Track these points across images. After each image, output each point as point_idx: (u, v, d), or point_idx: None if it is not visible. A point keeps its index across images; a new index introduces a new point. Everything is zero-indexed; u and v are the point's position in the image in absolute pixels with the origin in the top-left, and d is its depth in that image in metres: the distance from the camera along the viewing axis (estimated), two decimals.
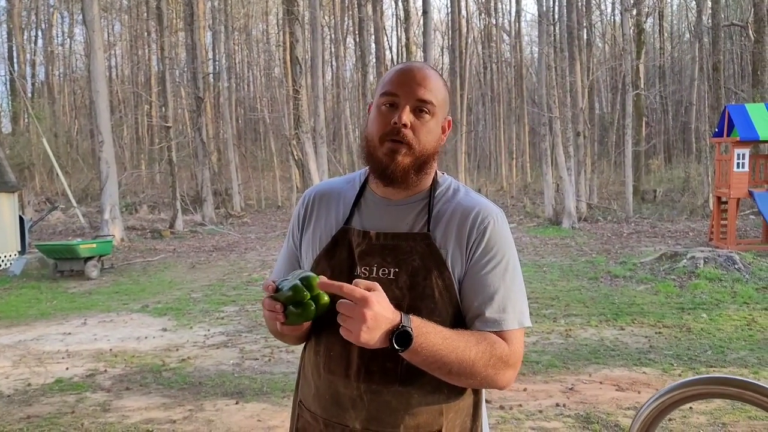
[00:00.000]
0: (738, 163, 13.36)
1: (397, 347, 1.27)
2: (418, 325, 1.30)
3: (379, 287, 1.29)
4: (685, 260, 10.63)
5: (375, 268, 1.43)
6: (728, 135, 14.07)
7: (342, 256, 1.46)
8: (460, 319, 1.44)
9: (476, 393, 1.47)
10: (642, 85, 25.50)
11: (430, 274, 1.41)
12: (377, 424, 1.41)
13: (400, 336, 1.27)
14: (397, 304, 1.37)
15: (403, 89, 1.43)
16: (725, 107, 14.59)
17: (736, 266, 10.23)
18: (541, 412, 4.93)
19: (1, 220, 14.29)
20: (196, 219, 22.07)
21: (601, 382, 5.58)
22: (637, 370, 5.88)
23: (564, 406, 5.03)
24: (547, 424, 4.69)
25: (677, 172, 28.19)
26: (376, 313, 1.23)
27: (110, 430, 4.81)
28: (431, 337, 1.30)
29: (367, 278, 1.41)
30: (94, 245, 12.83)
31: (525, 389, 5.44)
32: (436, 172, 1.54)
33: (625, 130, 21.86)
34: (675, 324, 7.52)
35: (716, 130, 15.20)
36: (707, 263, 10.37)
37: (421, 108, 1.43)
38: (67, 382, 6.10)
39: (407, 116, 1.41)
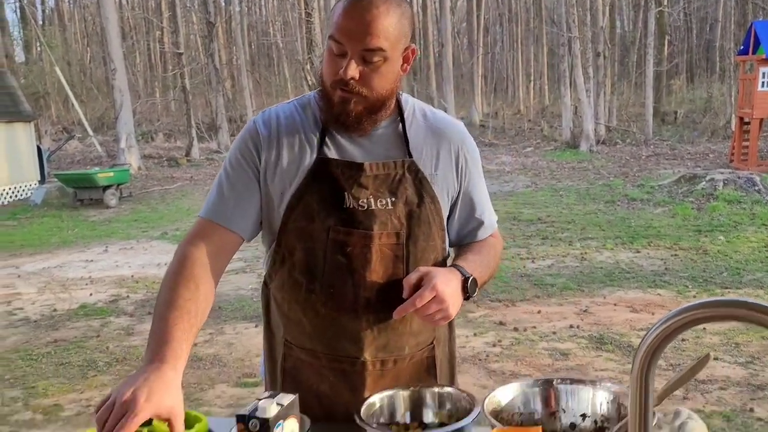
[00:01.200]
0: (763, 82, 13.00)
1: (470, 296, 1.37)
2: (471, 268, 1.39)
3: (431, 271, 1.31)
4: (704, 182, 10.51)
5: (372, 200, 1.38)
6: (754, 53, 13.62)
7: (325, 189, 1.39)
8: (444, 239, 1.48)
9: None
10: (665, 2, 24.60)
11: (422, 200, 1.41)
12: (385, 352, 1.43)
13: (471, 287, 1.37)
14: (397, 234, 1.39)
15: (349, 38, 1.29)
16: (752, 24, 14.09)
17: (756, 188, 10.11)
18: (554, 333, 5.00)
19: (19, 150, 14.38)
20: (211, 146, 22.07)
21: (615, 304, 5.62)
22: (651, 292, 5.91)
23: (578, 327, 5.09)
24: (560, 345, 4.76)
25: (699, 93, 27.52)
26: (451, 292, 1.30)
27: (134, 352, 4.96)
28: (478, 270, 1.40)
29: (365, 210, 1.38)
30: (112, 174, 12.93)
31: (539, 311, 5.51)
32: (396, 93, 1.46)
33: (647, 50, 21.26)
34: (691, 246, 7.50)
35: (742, 47, 14.72)
36: (726, 185, 10.25)
37: (370, 57, 1.30)
38: (91, 307, 6.26)
39: (353, 70, 1.30)
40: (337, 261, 1.38)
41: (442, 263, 1.46)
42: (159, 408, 1.07)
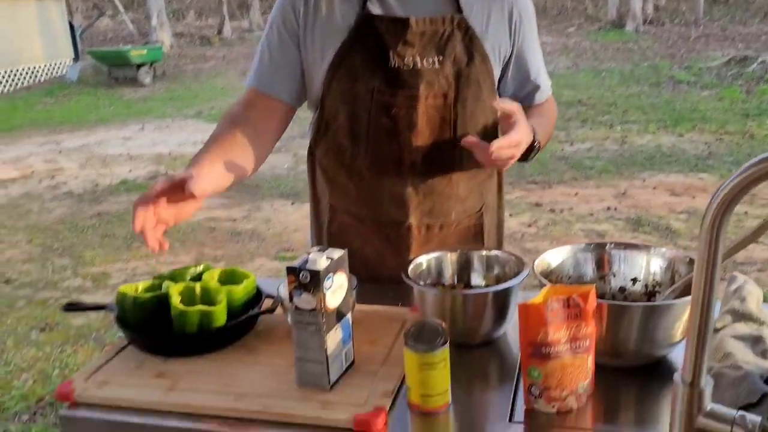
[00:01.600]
0: None
1: (526, 160, 1.36)
2: (536, 131, 1.33)
3: (520, 113, 1.25)
4: (755, 65, 10.04)
5: (418, 58, 1.31)
6: None
7: (369, 47, 1.32)
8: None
9: (500, 173, 1.53)
10: None
11: (472, 60, 1.34)
12: (431, 216, 1.41)
13: (534, 153, 1.36)
14: (444, 94, 1.33)
15: None
16: None
17: None
18: (591, 215, 4.96)
19: (52, 27, 14.24)
20: (243, 25, 21.61)
21: (654, 188, 5.53)
22: (693, 176, 5.79)
23: (615, 209, 5.04)
24: (597, 226, 4.74)
25: None
26: (523, 146, 1.27)
27: (175, 226, 5.06)
28: (539, 137, 1.35)
29: (411, 70, 1.31)
30: (145, 51, 12.81)
31: (576, 193, 5.45)
32: None
33: None
34: (737, 130, 7.26)
35: None
36: None
37: None
38: (131, 183, 6.38)
39: None
40: (381, 123, 1.34)
41: (493, 128, 1.40)
42: (173, 177, 1.15)
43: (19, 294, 4.00)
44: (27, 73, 13.26)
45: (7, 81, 12.65)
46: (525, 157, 1.33)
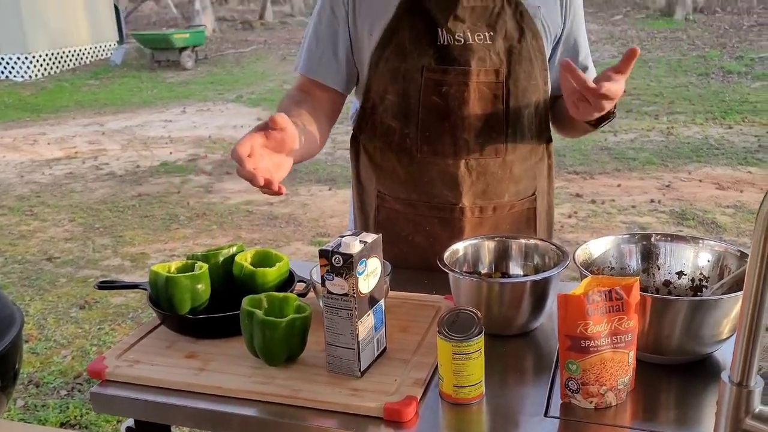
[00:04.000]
0: None
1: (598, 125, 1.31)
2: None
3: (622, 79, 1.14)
4: None
5: (469, 34, 1.28)
6: None
7: (418, 24, 1.30)
8: (546, 79, 1.38)
9: (550, 156, 1.48)
10: None
11: (523, 36, 1.31)
12: (484, 197, 1.38)
13: (606, 120, 1.30)
14: (496, 71, 1.30)
15: None
16: None
17: None
18: (634, 207, 4.85)
19: (98, 10, 14.46)
20: (285, 10, 21.68)
21: (700, 181, 5.38)
22: (741, 170, 5.61)
23: (659, 202, 4.92)
24: (639, 219, 4.63)
25: None
26: (610, 105, 1.17)
27: (213, 209, 5.12)
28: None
29: (462, 45, 1.28)
30: (188, 35, 12.93)
31: (619, 185, 5.34)
32: None
33: None
34: None
35: None
36: None
37: None
38: (171, 165, 6.45)
39: None
40: (432, 102, 1.31)
41: (543, 106, 1.38)
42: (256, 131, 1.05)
43: (61, 272, 4.09)
44: (73, 56, 13.51)
45: (54, 63, 12.91)
46: (599, 122, 1.28)
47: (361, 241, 0.95)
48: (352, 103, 1.48)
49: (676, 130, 6.99)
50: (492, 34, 1.29)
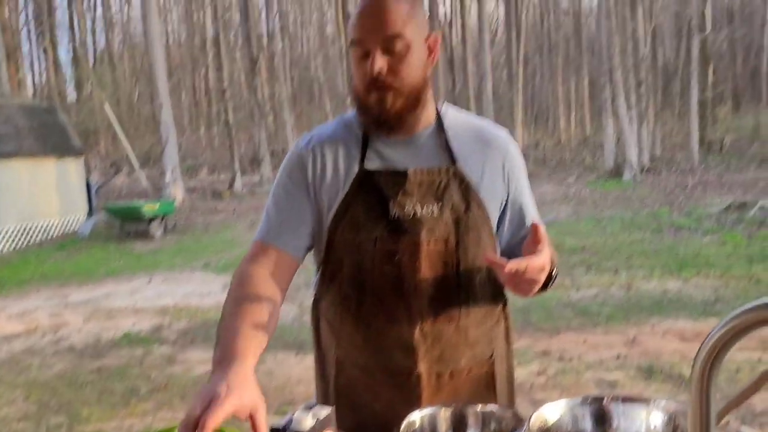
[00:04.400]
0: None
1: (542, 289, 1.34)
2: (554, 261, 1.32)
3: (545, 243, 1.24)
4: (754, 210, 10.22)
5: (417, 207, 1.36)
6: None
7: (370, 200, 1.37)
8: (495, 246, 1.44)
9: (507, 318, 1.52)
10: (708, 29, 24.28)
11: (469, 207, 1.39)
12: (440, 363, 1.39)
13: (549, 284, 1.35)
14: (445, 240, 1.36)
15: (366, 32, 1.30)
16: None
17: None
18: (601, 363, 4.85)
19: (69, 184, 14.80)
20: (254, 179, 22.42)
21: (664, 334, 5.44)
22: (702, 322, 5.70)
23: (625, 357, 4.93)
24: (607, 375, 4.62)
25: (746, 121, 26.95)
26: (542, 276, 1.24)
27: (176, 381, 4.97)
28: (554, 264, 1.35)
29: (413, 218, 1.36)
30: (157, 206, 13.20)
31: (585, 341, 5.36)
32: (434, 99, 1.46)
33: (690, 78, 20.95)
34: (743, 275, 7.25)
35: None
36: None
37: (392, 46, 1.30)
38: (134, 336, 6.33)
39: (379, 62, 1.30)
40: (385, 271, 1.36)
41: (493, 272, 1.42)
42: (242, 400, 0.99)
43: None
44: (41, 229, 13.60)
45: (21, 237, 12.95)
46: (545, 285, 1.33)
47: (313, 416, 0.95)
48: (314, 271, 1.52)
49: (635, 284, 7.16)
50: (440, 205, 1.37)
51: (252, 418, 1.00)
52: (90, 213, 15.31)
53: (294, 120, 29.37)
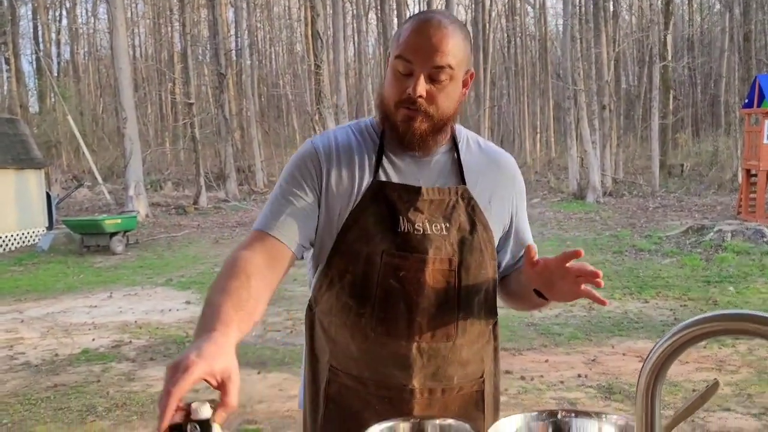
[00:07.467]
0: None
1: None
2: None
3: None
4: (712, 233, 10.47)
5: (427, 224, 1.38)
6: (759, 106, 13.74)
7: (381, 212, 1.38)
8: (495, 268, 1.48)
9: (496, 338, 1.55)
10: (669, 57, 24.96)
11: (474, 228, 1.41)
12: (434, 380, 1.41)
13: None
14: (449, 260, 1.38)
15: (418, 56, 1.31)
16: (756, 77, 14.26)
17: (765, 239, 10.05)
18: (562, 382, 4.90)
19: (29, 197, 14.49)
20: (219, 195, 22.22)
21: (624, 354, 5.53)
22: None
23: (586, 377, 5.00)
24: (568, 394, 4.67)
25: (705, 146, 27.68)
26: None
27: (135, 398, 4.87)
28: None
29: (422, 234, 1.37)
30: (119, 220, 12.98)
31: (546, 360, 5.41)
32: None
33: (652, 104, 21.48)
34: (701, 297, 7.41)
35: (746, 101, 14.86)
36: (735, 236, 10.20)
37: (438, 74, 1.32)
38: (93, 352, 6.19)
39: (422, 87, 1.32)
40: (389, 285, 1.37)
41: (492, 292, 1.47)
42: (212, 366, 0.97)
43: None
44: None
45: None
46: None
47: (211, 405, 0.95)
48: (308, 275, 1.50)
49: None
50: (447, 225, 1.39)
51: (223, 385, 0.99)
52: (50, 226, 14.99)
53: (261, 136, 29.30)
